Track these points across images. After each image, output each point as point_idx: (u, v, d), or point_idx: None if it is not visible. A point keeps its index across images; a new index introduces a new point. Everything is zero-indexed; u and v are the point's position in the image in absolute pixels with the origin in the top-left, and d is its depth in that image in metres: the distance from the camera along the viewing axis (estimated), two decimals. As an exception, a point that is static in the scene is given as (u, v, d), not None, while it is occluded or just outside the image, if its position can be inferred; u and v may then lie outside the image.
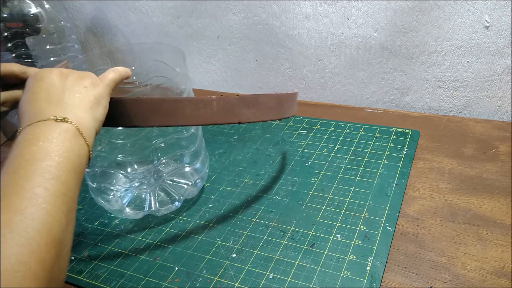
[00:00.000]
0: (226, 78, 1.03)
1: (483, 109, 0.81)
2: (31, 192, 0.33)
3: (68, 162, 0.37)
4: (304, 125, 0.82)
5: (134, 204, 0.62)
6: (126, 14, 1.06)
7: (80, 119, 0.40)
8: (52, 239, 0.33)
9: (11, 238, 0.30)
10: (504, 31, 0.72)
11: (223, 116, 0.50)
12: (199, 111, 0.49)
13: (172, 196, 0.62)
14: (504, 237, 0.52)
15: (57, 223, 0.33)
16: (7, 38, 0.82)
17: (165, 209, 0.62)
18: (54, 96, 0.41)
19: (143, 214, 0.62)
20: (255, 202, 0.63)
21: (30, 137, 0.37)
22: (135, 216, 0.62)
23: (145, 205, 0.61)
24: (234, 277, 0.51)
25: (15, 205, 0.32)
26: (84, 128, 0.40)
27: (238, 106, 0.51)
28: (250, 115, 0.52)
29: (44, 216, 0.33)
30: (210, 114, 0.49)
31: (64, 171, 0.36)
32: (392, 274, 0.49)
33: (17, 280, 0.29)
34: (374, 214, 0.58)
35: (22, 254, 0.30)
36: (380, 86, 0.87)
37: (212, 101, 0.49)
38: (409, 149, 0.71)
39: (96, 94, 0.43)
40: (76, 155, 0.38)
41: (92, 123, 0.42)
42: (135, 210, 0.61)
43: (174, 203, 0.62)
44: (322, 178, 0.66)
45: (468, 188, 0.61)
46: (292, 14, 0.86)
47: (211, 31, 0.98)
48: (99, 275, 0.54)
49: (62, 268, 0.34)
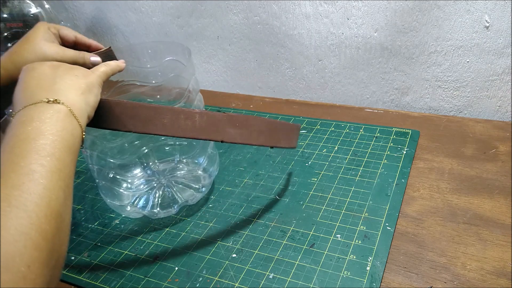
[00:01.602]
0: (226, 78, 1.03)
1: (483, 109, 0.80)
2: (28, 168, 0.34)
3: (62, 140, 0.37)
4: (304, 125, 0.82)
5: (139, 203, 0.61)
6: (126, 14, 1.06)
7: (72, 101, 0.40)
8: (51, 211, 0.33)
9: (10, 211, 0.31)
10: (504, 31, 0.72)
11: (205, 131, 0.48)
12: (179, 122, 0.47)
13: (174, 200, 0.62)
14: (504, 237, 0.52)
15: (55, 196, 0.34)
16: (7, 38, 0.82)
17: (164, 212, 0.62)
18: (45, 82, 0.41)
19: (142, 214, 0.62)
20: (255, 202, 0.63)
21: (24, 119, 0.37)
22: (136, 215, 0.62)
23: (147, 205, 0.61)
24: (234, 277, 0.51)
25: (13, 181, 0.32)
26: (76, 109, 0.40)
27: (223, 124, 0.49)
28: (236, 136, 0.50)
29: (42, 190, 0.33)
30: (191, 127, 0.47)
31: (59, 149, 0.36)
32: (392, 274, 0.49)
33: (18, 249, 0.30)
34: (374, 214, 0.58)
35: (22, 225, 0.31)
36: (380, 86, 0.87)
37: (195, 114, 0.47)
38: (409, 149, 0.71)
39: (88, 82, 0.44)
40: (69, 133, 0.38)
41: (84, 107, 0.42)
42: (137, 208, 0.61)
43: (174, 207, 0.62)
44: (322, 178, 0.66)
45: (468, 188, 0.61)
46: (292, 14, 0.86)
47: (211, 31, 0.98)
48: (99, 275, 0.54)
49: (63, 240, 0.35)
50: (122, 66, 0.51)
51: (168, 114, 0.46)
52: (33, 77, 0.42)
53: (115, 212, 0.65)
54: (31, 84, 0.41)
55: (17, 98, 0.41)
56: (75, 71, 0.44)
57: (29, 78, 0.42)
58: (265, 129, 0.53)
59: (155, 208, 0.61)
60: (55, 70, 0.43)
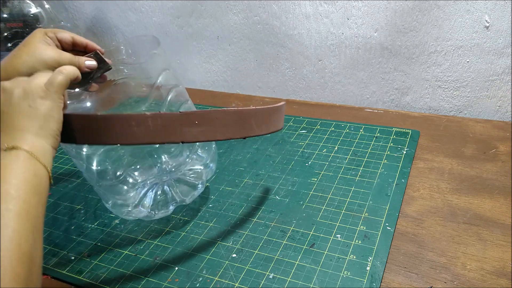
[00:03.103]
0: (226, 78, 1.03)
1: (483, 109, 0.81)
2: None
3: (25, 182, 0.37)
4: (304, 125, 0.82)
5: (141, 202, 0.61)
6: (126, 14, 1.06)
7: (31, 143, 0.40)
8: (22, 254, 0.34)
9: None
10: (504, 31, 0.72)
11: (161, 135, 0.45)
12: (132, 129, 0.44)
13: (172, 198, 0.61)
14: (504, 237, 0.52)
15: (24, 239, 0.35)
16: (7, 38, 0.82)
17: (162, 212, 0.61)
18: (4, 121, 0.41)
19: (143, 215, 0.62)
20: (255, 202, 0.63)
21: None
22: (135, 216, 0.62)
23: (148, 204, 0.61)
24: (234, 277, 0.51)
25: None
26: (36, 150, 0.40)
27: (179, 124, 0.46)
28: (198, 134, 0.47)
29: (11, 233, 0.34)
30: (145, 133, 0.45)
31: (23, 191, 0.37)
32: (392, 274, 0.49)
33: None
34: (374, 214, 0.58)
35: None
36: (380, 86, 0.87)
37: (147, 118, 0.44)
38: (409, 149, 0.71)
39: (45, 110, 0.42)
40: (32, 174, 0.38)
41: (45, 143, 0.41)
42: (139, 208, 0.61)
43: (170, 207, 0.62)
44: (322, 178, 0.66)
45: (468, 188, 0.61)
46: (292, 14, 0.86)
47: (211, 31, 0.98)
48: (99, 275, 0.54)
49: (35, 283, 0.35)
50: (78, 72, 0.49)
51: (118, 122, 0.45)
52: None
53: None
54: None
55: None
56: (29, 99, 0.42)
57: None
58: (231, 120, 0.49)
59: (154, 209, 0.60)
60: (10, 100, 0.42)
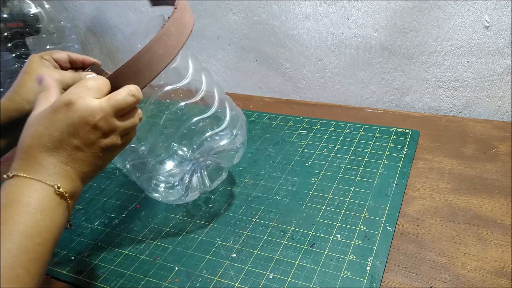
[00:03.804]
0: (226, 78, 1.03)
1: (483, 109, 0.81)
2: (14, 274, 0.34)
3: (53, 238, 0.38)
4: (304, 125, 0.82)
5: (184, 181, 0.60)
6: (126, 14, 1.06)
7: (76, 189, 0.41)
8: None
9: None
10: (504, 31, 0.72)
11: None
12: (168, 42, 0.47)
13: (203, 183, 0.61)
14: (504, 237, 0.52)
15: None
16: (7, 38, 0.82)
17: (192, 195, 0.61)
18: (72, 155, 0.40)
19: (175, 197, 0.60)
20: (255, 202, 0.63)
21: (24, 201, 0.37)
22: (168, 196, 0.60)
23: (196, 183, 0.60)
24: (234, 277, 0.51)
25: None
26: (75, 197, 0.41)
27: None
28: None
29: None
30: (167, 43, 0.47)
31: (46, 248, 0.37)
32: (392, 274, 0.49)
33: None
34: (374, 214, 0.58)
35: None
36: (380, 86, 0.87)
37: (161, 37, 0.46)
38: (409, 149, 0.71)
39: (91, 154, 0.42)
40: (59, 227, 0.39)
41: (80, 187, 0.42)
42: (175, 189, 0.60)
43: (196, 191, 0.61)
44: (322, 178, 0.66)
45: (468, 188, 0.61)
46: (292, 14, 0.86)
47: (211, 31, 0.98)
48: (99, 275, 0.54)
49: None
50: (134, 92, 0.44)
51: (155, 44, 0.46)
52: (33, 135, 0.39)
53: (115, 212, 0.65)
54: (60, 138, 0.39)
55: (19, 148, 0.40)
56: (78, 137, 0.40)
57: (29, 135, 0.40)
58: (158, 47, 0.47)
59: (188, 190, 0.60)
60: (91, 136, 0.41)
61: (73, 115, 0.39)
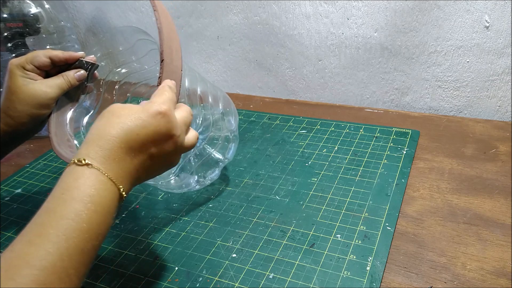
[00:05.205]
0: (226, 78, 1.03)
1: (483, 109, 0.81)
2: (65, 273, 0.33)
3: (102, 241, 0.37)
4: (304, 125, 0.82)
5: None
6: (126, 14, 1.06)
7: (126, 188, 0.40)
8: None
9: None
10: (504, 31, 0.72)
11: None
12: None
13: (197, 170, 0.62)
14: (504, 237, 0.52)
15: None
16: (7, 38, 0.82)
17: (189, 182, 0.62)
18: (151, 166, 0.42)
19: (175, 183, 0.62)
20: (255, 202, 0.63)
21: (97, 201, 0.36)
22: (169, 185, 0.62)
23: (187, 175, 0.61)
24: (234, 277, 0.51)
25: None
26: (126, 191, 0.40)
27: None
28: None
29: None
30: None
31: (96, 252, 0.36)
32: (392, 274, 0.49)
33: None
34: (374, 214, 0.58)
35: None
36: (380, 86, 0.87)
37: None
38: (409, 149, 0.71)
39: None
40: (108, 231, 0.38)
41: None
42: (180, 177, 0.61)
43: (193, 183, 0.63)
44: (322, 178, 0.66)
45: (468, 188, 0.61)
46: (292, 14, 0.86)
47: (211, 31, 0.98)
48: (99, 275, 0.54)
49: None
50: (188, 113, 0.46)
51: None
52: (122, 128, 0.39)
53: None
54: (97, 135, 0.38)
55: (99, 130, 0.39)
56: (158, 146, 0.41)
57: (117, 124, 0.39)
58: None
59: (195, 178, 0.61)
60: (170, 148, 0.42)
61: (165, 125, 0.40)
